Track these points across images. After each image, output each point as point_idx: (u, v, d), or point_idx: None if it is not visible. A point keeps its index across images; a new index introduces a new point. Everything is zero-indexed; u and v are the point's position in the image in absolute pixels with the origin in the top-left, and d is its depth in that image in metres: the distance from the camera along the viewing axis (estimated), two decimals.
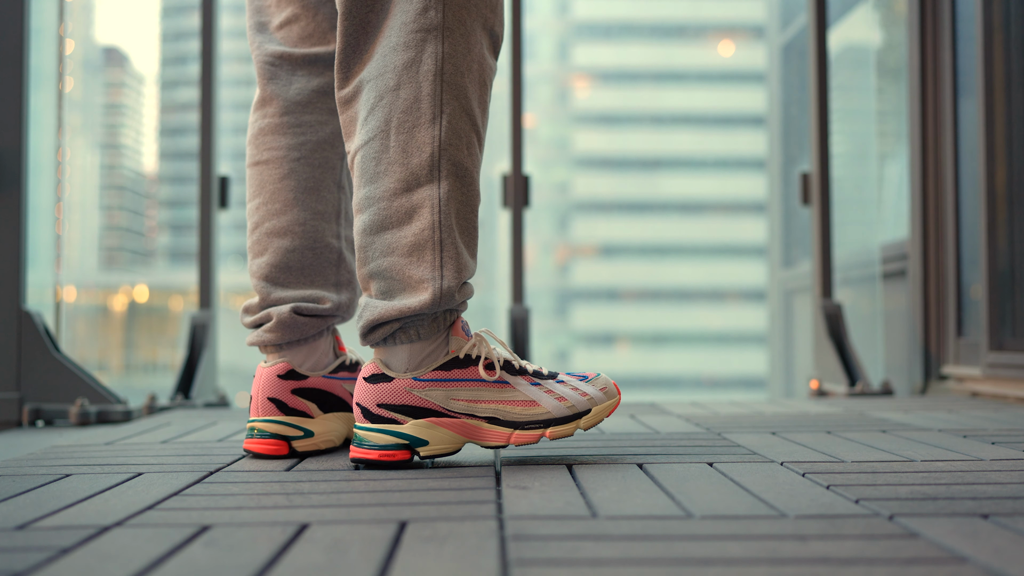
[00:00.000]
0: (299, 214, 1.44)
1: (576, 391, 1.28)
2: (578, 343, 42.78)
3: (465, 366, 1.26)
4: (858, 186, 3.97)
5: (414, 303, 1.22)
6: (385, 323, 1.24)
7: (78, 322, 5.00)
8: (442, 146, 1.24)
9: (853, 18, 4.27)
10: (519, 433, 1.26)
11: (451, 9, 1.26)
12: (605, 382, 1.31)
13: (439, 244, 1.24)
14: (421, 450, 1.24)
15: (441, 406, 1.24)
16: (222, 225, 2.85)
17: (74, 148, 4.24)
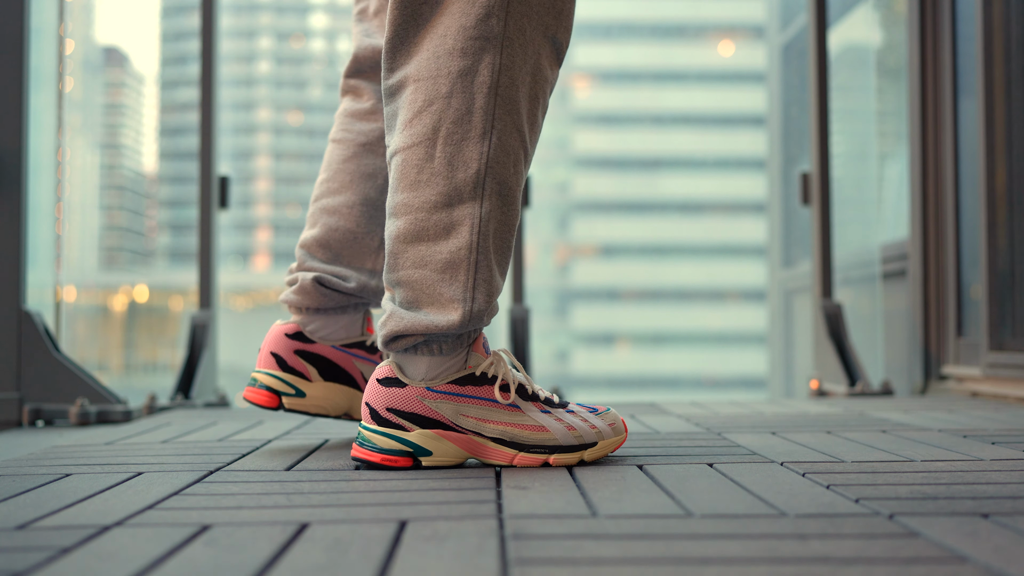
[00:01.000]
0: (350, 197, 1.51)
1: (585, 422, 1.27)
2: (578, 343, 42.76)
3: (480, 384, 1.24)
4: (858, 186, 3.97)
5: (442, 322, 1.21)
6: (409, 335, 1.22)
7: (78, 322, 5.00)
8: (489, 163, 1.22)
9: (853, 18, 4.27)
10: (523, 456, 1.25)
11: (513, 18, 1.23)
12: (614, 418, 1.30)
13: (474, 265, 1.22)
14: (424, 460, 1.23)
15: (450, 420, 1.23)
16: (222, 225, 2.85)
17: (74, 148, 4.24)
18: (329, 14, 63.66)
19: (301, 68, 63.62)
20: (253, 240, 61.57)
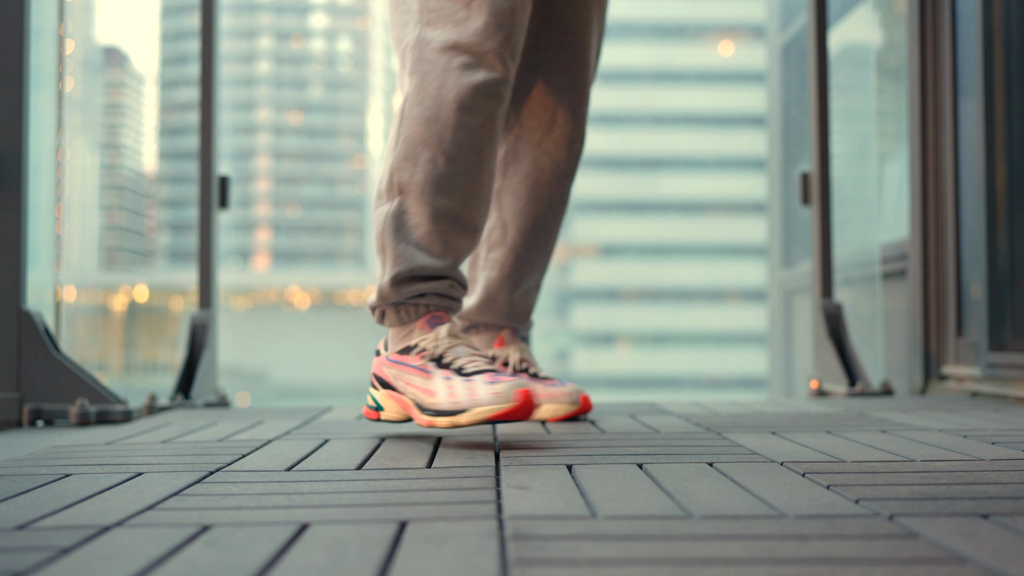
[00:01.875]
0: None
1: (470, 391, 1.41)
2: (578, 343, 42.77)
3: (410, 353, 1.52)
4: (858, 186, 3.97)
5: (371, 297, 1.58)
6: (369, 308, 1.58)
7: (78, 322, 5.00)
8: (392, 169, 1.56)
9: (853, 18, 4.27)
10: (419, 416, 1.47)
11: (413, 53, 1.57)
12: (505, 388, 1.38)
13: (382, 251, 1.55)
14: (381, 415, 1.56)
15: (393, 382, 1.53)
16: (222, 225, 2.85)
17: (74, 148, 4.24)
18: (329, 14, 63.62)
19: (301, 68, 63.59)
20: (253, 240, 61.53)
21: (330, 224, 62.10)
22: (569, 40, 1.77)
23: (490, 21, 1.53)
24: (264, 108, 62.61)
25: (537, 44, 1.77)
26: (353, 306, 52.93)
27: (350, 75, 63.77)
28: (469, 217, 1.55)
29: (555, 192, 1.83)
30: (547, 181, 1.81)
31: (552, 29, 1.77)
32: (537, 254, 1.85)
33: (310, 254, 61.22)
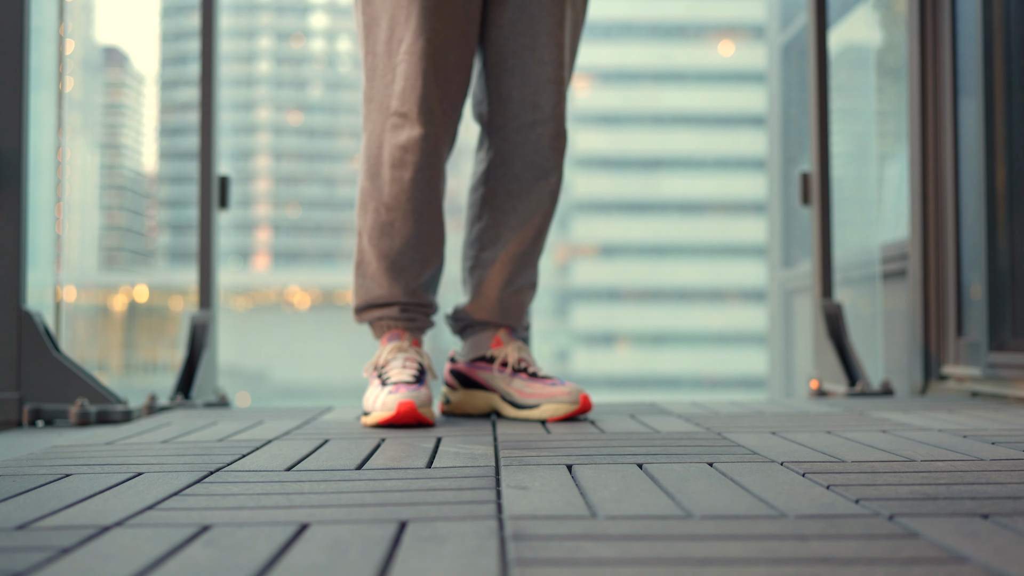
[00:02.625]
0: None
1: (375, 399, 1.76)
2: (578, 343, 42.75)
3: (369, 365, 1.89)
4: (858, 186, 3.96)
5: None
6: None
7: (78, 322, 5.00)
8: (357, 215, 1.87)
9: (853, 18, 4.26)
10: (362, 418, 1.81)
11: (363, 108, 1.89)
12: (392, 400, 1.71)
13: (352, 283, 1.93)
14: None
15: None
16: (222, 225, 2.85)
17: (74, 148, 4.24)
18: (329, 14, 63.62)
19: (301, 68, 63.58)
20: (253, 240, 61.54)
21: (330, 224, 62.10)
22: (543, 42, 1.85)
23: (405, 85, 1.76)
24: (264, 108, 62.60)
25: (513, 49, 1.86)
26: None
27: (350, 75, 63.77)
28: (412, 255, 1.83)
29: (543, 190, 1.91)
30: (534, 180, 1.90)
31: (525, 34, 1.85)
32: (527, 251, 1.94)
33: (310, 254, 61.21)
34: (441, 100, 1.80)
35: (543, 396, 1.83)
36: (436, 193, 1.84)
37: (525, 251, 1.94)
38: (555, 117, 1.87)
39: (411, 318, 1.88)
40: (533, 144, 1.88)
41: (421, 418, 1.70)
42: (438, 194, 1.85)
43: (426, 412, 1.72)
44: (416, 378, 1.77)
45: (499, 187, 1.92)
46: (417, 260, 1.85)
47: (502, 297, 1.94)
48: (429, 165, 1.80)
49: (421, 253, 1.84)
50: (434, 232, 1.85)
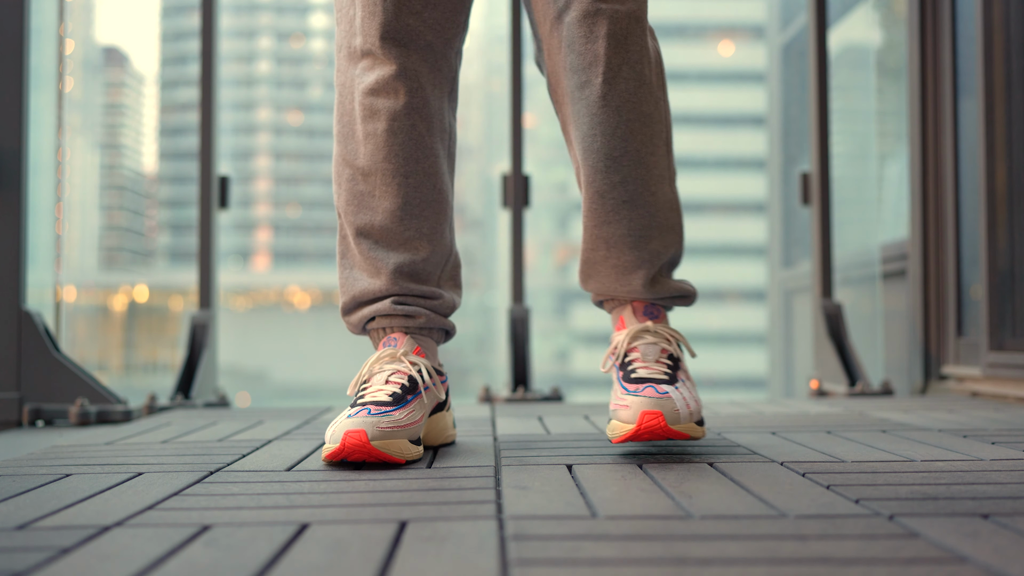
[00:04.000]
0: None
1: (335, 422, 1.29)
2: (578, 343, 42.75)
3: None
4: (858, 186, 3.96)
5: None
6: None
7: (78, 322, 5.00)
8: (334, 196, 1.51)
9: (853, 18, 4.27)
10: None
11: (337, 59, 1.49)
12: (338, 430, 1.25)
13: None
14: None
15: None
16: (222, 225, 2.85)
17: (74, 148, 4.24)
18: (329, 14, 63.56)
19: (301, 68, 63.59)
20: (253, 240, 61.56)
21: (330, 224, 62.04)
22: None
23: (364, 14, 1.40)
24: (264, 108, 62.62)
25: None
26: None
27: None
28: (400, 231, 1.41)
29: (613, 106, 1.39)
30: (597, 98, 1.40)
31: None
32: (627, 205, 1.40)
33: (310, 254, 61.23)
34: (420, 31, 1.40)
35: (615, 406, 1.33)
36: (426, 149, 1.42)
37: (623, 208, 1.43)
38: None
39: (409, 314, 1.41)
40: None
41: (375, 454, 1.23)
42: (429, 151, 1.42)
43: (386, 446, 1.23)
44: (396, 398, 1.30)
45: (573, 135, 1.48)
46: (409, 237, 1.41)
47: (606, 265, 1.46)
48: (410, 111, 1.40)
49: (412, 228, 1.41)
50: (429, 200, 1.42)
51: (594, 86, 1.37)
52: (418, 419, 1.31)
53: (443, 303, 1.45)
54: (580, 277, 1.46)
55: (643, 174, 1.38)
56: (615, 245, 1.40)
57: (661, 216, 1.40)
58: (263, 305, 53.63)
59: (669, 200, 1.42)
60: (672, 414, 1.25)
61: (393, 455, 1.24)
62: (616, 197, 1.38)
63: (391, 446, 1.24)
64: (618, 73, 1.36)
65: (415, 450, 1.28)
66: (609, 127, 1.36)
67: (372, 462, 1.25)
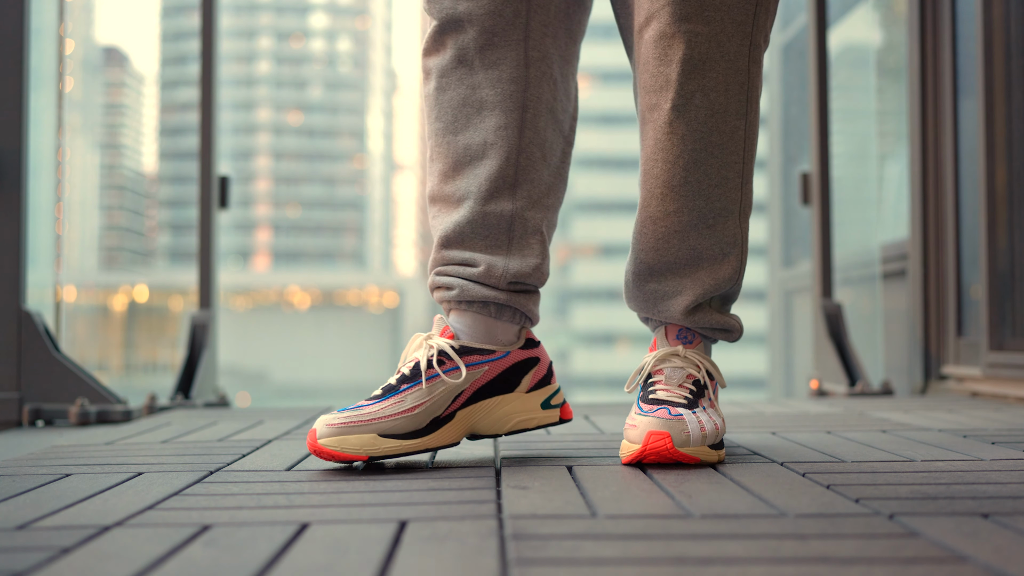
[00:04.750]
0: None
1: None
2: (578, 343, 42.76)
3: None
4: (858, 186, 3.97)
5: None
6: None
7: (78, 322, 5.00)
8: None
9: (853, 18, 4.27)
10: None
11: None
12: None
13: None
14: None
15: None
16: (222, 225, 2.85)
17: (74, 148, 4.25)
18: (329, 14, 63.63)
19: (301, 68, 63.59)
20: (253, 240, 61.54)
21: (330, 224, 62.09)
22: None
23: None
24: (264, 108, 62.63)
25: None
26: (353, 306, 52.91)
27: (350, 75, 63.76)
28: (450, 191, 1.32)
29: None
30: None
31: None
32: (678, 236, 1.32)
33: (310, 254, 61.23)
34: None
35: (626, 425, 1.27)
36: (480, 102, 1.31)
37: (669, 221, 1.36)
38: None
39: (444, 285, 1.34)
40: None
41: (327, 453, 1.21)
42: (485, 103, 1.31)
43: (338, 443, 1.21)
44: (387, 389, 1.27)
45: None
46: (458, 198, 1.32)
47: (637, 285, 1.41)
48: (458, 64, 1.31)
49: (462, 187, 1.32)
50: (478, 155, 1.31)
51: (662, 111, 1.28)
52: (404, 410, 1.23)
53: (483, 271, 1.30)
54: (624, 294, 1.40)
55: (701, 206, 1.30)
56: (658, 272, 1.33)
57: (716, 249, 1.32)
58: (263, 305, 53.65)
59: (730, 234, 1.33)
60: (680, 436, 1.20)
61: (346, 452, 1.19)
62: (668, 226, 1.31)
63: (345, 443, 1.20)
64: (689, 100, 1.27)
65: (387, 444, 1.21)
66: (672, 155, 1.29)
67: (342, 460, 1.21)
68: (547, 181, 1.35)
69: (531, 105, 1.32)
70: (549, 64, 1.33)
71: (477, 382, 1.28)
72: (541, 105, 1.32)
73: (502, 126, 1.30)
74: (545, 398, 1.34)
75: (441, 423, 1.26)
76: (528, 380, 1.33)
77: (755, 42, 1.30)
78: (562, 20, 1.35)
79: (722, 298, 1.36)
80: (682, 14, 1.26)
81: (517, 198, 1.31)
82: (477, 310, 1.31)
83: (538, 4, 1.31)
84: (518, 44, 1.30)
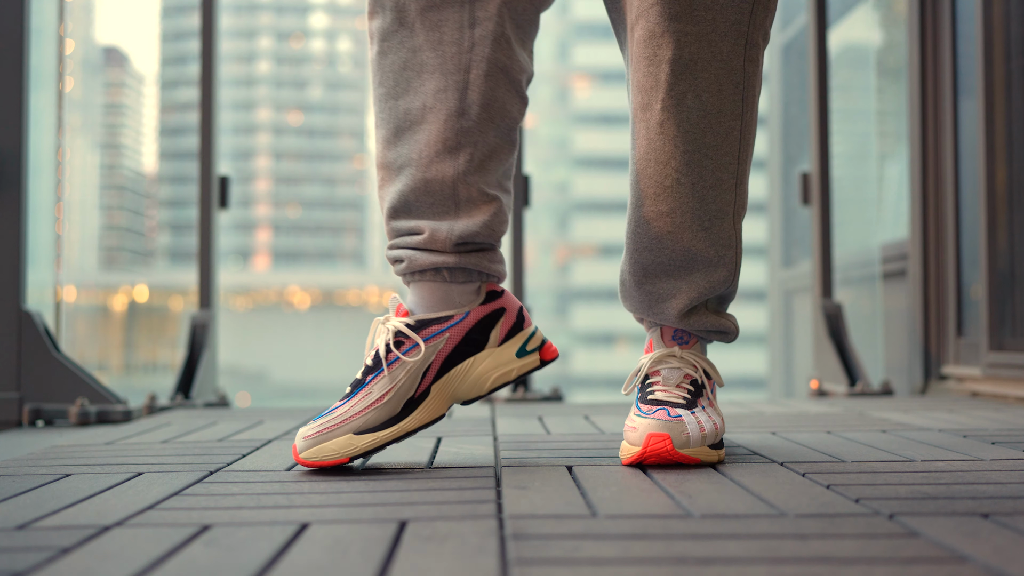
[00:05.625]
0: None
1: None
2: (578, 343, 42.75)
3: None
4: (858, 186, 3.97)
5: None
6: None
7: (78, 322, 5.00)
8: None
9: (853, 18, 4.27)
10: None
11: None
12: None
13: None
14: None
15: None
16: (222, 225, 2.85)
17: (74, 148, 4.25)
18: (329, 14, 63.65)
19: (301, 68, 63.60)
20: (253, 240, 61.54)
21: (330, 224, 62.12)
22: None
23: None
24: (264, 108, 62.65)
25: None
26: (353, 306, 52.95)
27: (350, 75, 63.81)
28: (392, 158, 1.28)
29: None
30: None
31: None
32: (671, 236, 1.31)
33: (310, 254, 61.25)
34: None
35: (626, 427, 1.27)
36: (423, 65, 1.27)
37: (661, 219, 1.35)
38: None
39: (396, 258, 1.31)
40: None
41: (312, 464, 1.21)
42: (428, 66, 1.27)
43: (317, 452, 1.21)
44: (354, 384, 1.26)
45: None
46: (400, 165, 1.28)
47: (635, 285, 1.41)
48: (399, 27, 1.28)
49: (403, 154, 1.28)
50: (418, 120, 1.27)
51: (654, 111, 1.26)
52: (372, 403, 1.21)
53: (427, 238, 1.27)
54: (619, 294, 1.39)
55: (695, 207, 1.28)
56: (653, 273, 1.32)
57: (711, 250, 1.30)
58: (263, 305, 53.65)
59: (725, 235, 1.31)
60: (680, 437, 1.19)
61: (327, 459, 1.20)
62: (661, 227, 1.29)
63: (323, 451, 1.20)
64: (681, 101, 1.25)
65: (364, 440, 1.20)
66: (664, 156, 1.27)
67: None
68: (492, 143, 1.29)
69: (475, 65, 1.26)
70: (500, 23, 1.27)
71: (442, 351, 1.25)
72: (490, 65, 1.27)
73: (441, 88, 1.26)
74: (519, 345, 1.30)
75: (416, 403, 1.24)
76: (497, 333, 1.29)
77: (752, 41, 1.27)
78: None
79: (718, 299, 1.36)
80: (671, 13, 1.23)
81: (459, 162, 1.27)
82: (430, 278, 1.28)
83: None
84: (462, 4, 1.26)
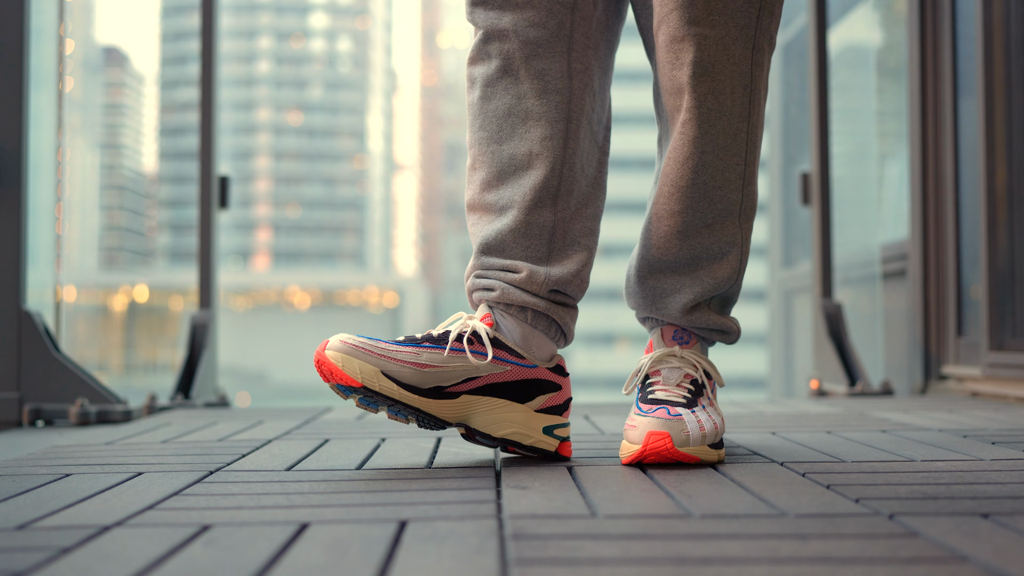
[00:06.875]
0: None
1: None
2: (578, 343, 42.71)
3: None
4: (858, 186, 3.97)
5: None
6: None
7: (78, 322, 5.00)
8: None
9: (853, 18, 4.27)
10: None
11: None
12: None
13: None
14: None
15: None
16: (222, 225, 2.85)
17: (74, 148, 4.25)
18: (329, 14, 63.65)
19: (301, 68, 63.61)
20: (253, 240, 61.53)
21: (330, 224, 62.13)
22: None
23: None
24: (264, 108, 62.65)
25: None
26: (353, 306, 52.93)
27: (350, 75, 63.80)
28: (492, 200, 1.33)
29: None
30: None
31: None
32: (680, 236, 1.35)
33: (310, 254, 61.25)
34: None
35: (626, 426, 1.28)
36: (526, 113, 1.33)
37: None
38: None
39: (486, 287, 1.33)
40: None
41: (334, 370, 1.23)
42: (531, 114, 1.32)
43: (338, 359, 1.22)
44: (425, 337, 1.29)
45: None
46: (500, 207, 1.33)
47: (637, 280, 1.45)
48: (503, 74, 1.33)
49: (505, 196, 1.33)
50: (522, 166, 1.32)
51: (679, 112, 1.31)
52: (417, 363, 1.23)
53: (525, 277, 1.30)
54: (624, 290, 1.43)
55: (704, 207, 1.32)
56: (658, 269, 1.35)
57: (715, 248, 1.34)
58: (263, 305, 53.65)
59: (730, 235, 1.34)
60: (680, 436, 1.20)
61: (346, 372, 1.20)
62: (671, 226, 1.33)
63: (349, 363, 1.21)
64: (702, 103, 1.29)
65: (386, 384, 1.21)
66: (683, 156, 1.31)
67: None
68: (585, 192, 1.37)
69: (575, 116, 1.34)
70: (590, 75, 1.35)
71: (494, 377, 1.26)
72: (583, 117, 1.35)
73: (547, 136, 1.32)
74: (551, 424, 1.30)
75: (443, 394, 1.24)
76: (542, 400, 1.30)
77: (758, 45, 1.31)
78: (602, 32, 1.37)
79: (722, 299, 1.38)
80: (690, 17, 1.28)
81: (559, 209, 1.33)
82: (515, 314, 1.30)
83: (581, 16, 1.33)
84: (562, 55, 1.33)
